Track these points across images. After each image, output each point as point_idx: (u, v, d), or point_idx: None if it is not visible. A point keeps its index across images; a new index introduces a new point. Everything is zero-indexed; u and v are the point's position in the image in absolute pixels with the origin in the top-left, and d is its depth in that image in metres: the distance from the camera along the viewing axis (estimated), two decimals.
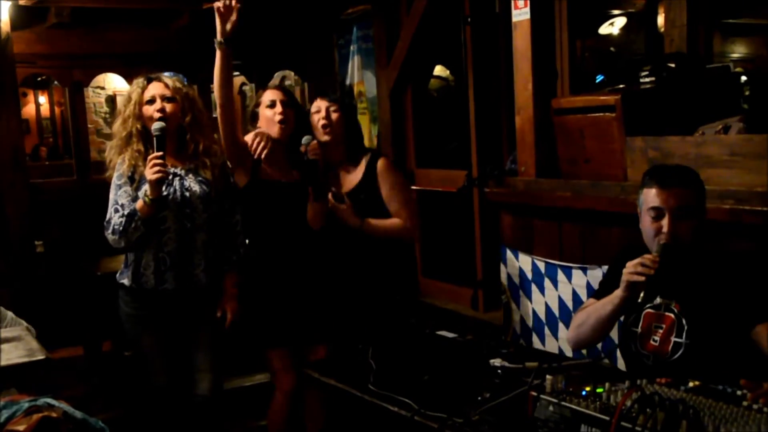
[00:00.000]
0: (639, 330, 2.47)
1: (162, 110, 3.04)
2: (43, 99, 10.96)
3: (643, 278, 2.31)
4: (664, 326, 2.41)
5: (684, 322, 2.37)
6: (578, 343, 2.65)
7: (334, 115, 3.30)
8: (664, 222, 2.36)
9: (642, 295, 2.33)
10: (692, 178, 2.43)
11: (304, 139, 3.17)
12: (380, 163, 3.36)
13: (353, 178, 3.36)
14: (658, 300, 2.44)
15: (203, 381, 3.21)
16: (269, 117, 3.24)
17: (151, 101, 3.07)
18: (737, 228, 2.72)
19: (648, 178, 2.44)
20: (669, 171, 2.46)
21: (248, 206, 3.27)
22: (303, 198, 3.19)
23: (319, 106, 3.33)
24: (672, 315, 2.40)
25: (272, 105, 3.24)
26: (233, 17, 2.97)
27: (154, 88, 3.09)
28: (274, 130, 3.23)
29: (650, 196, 2.40)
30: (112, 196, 3.09)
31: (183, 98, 3.12)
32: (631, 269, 2.34)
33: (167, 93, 3.08)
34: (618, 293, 2.41)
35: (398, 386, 2.35)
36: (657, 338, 2.42)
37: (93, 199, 3.22)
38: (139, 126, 3.07)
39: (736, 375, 2.07)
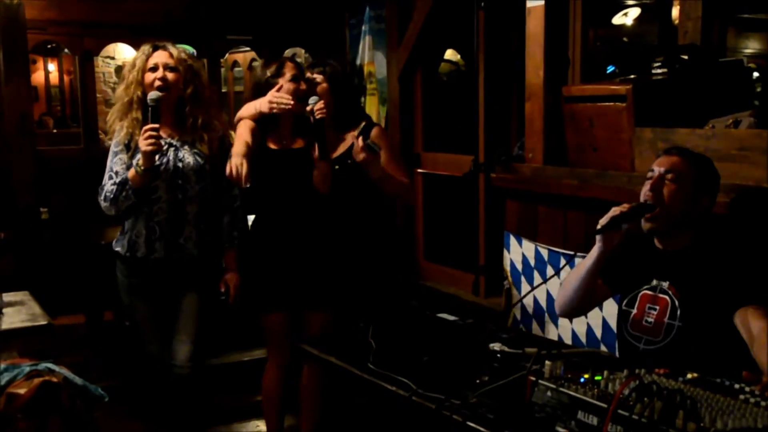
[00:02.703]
0: (634, 311, 2.50)
1: (163, 79, 3.03)
2: (52, 67, 10.91)
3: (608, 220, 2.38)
4: (658, 308, 2.44)
5: (677, 304, 2.39)
6: (562, 306, 2.68)
7: (317, 87, 3.33)
8: (646, 187, 2.42)
9: (602, 225, 2.38)
10: (696, 157, 2.45)
11: (311, 99, 3.21)
12: (374, 131, 3.40)
13: (345, 143, 3.39)
14: (654, 282, 2.46)
15: (182, 350, 3.21)
16: (292, 90, 3.25)
17: (154, 69, 3.05)
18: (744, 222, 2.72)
19: None
20: (674, 146, 2.55)
21: (254, 176, 3.29)
22: (307, 164, 3.21)
23: (308, 77, 3.38)
24: (666, 297, 2.42)
25: (296, 80, 3.26)
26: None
27: (158, 56, 3.08)
28: (296, 104, 3.24)
29: (654, 165, 2.47)
30: (108, 162, 3.11)
31: (186, 69, 3.11)
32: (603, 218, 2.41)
33: (170, 62, 3.07)
34: (594, 248, 2.47)
35: (397, 366, 2.35)
36: (651, 320, 2.44)
37: (99, 168, 3.22)
38: (140, 93, 3.06)
39: (726, 361, 2.14)
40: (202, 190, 3.14)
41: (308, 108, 3.19)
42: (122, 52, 8.81)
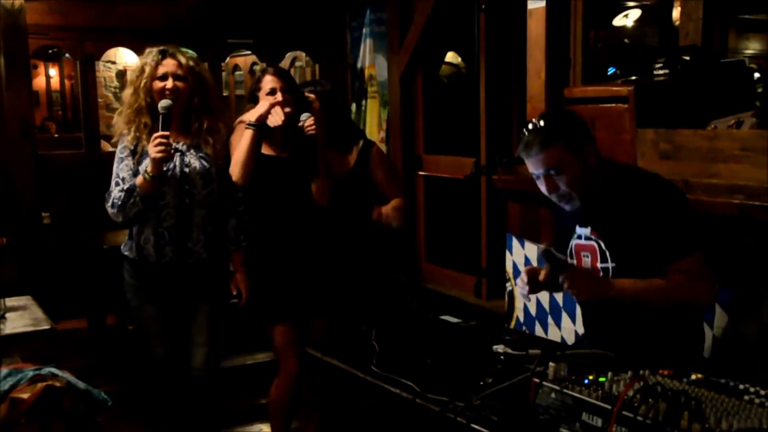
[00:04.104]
0: (575, 262, 2.54)
1: (173, 89, 3.04)
2: (53, 72, 10.91)
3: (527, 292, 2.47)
4: (590, 254, 2.49)
5: (604, 246, 2.44)
6: None
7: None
8: (542, 187, 2.47)
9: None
10: (548, 137, 2.41)
11: (303, 116, 3.22)
12: (374, 150, 3.47)
13: (344, 165, 3.40)
14: (578, 230, 2.52)
15: (197, 355, 3.22)
16: (269, 104, 3.24)
17: (163, 77, 3.05)
18: (746, 223, 2.71)
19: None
20: (527, 142, 2.45)
21: (250, 185, 3.28)
22: (299, 174, 3.22)
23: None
24: (593, 242, 2.48)
25: (272, 92, 3.25)
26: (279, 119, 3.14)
27: (168, 65, 3.07)
28: (276, 117, 3.22)
29: (527, 166, 2.50)
30: (114, 168, 3.10)
31: (194, 78, 3.11)
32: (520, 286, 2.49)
33: (179, 72, 3.07)
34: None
35: (401, 369, 2.35)
36: (589, 267, 2.50)
37: (101, 173, 3.23)
38: (149, 100, 3.06)
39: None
40: (209, 194, 3.15)
41: (299, 124, 3.20)
42: (123, 57, 8.82)
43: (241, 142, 3.17)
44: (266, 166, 3.26)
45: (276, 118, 3.18)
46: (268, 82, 3.26)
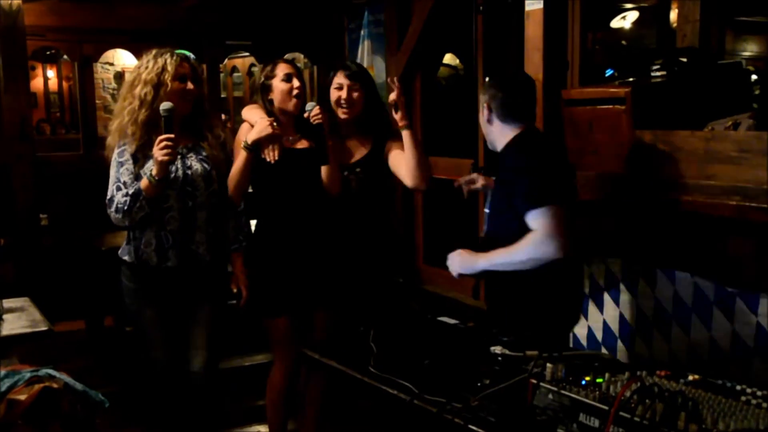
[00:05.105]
0: None
1: (191, 91, 3.06)
2: (51, 73, 10.91)
3: None
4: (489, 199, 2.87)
5: (488, 194, 2.82)
6: None
7: (355, 94, 3.32)
8: None
9: None
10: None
11: (308, 106, 3.23)
12: (391, 139, 3.38)
13: (361, 150, 3.39)
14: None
15: (196, 358, 3.21)
16: (285, 90, 3.26)
17: (183, 79, 3.05)
18: (743, 224, 2.72)
19: None
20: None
21: (256, 178, 3.28)
22: (309, 165, 3.23)
23: (341, 82, 3.34)
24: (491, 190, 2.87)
25: (288, 79, 3.27)
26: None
27: (186, 68, 3.08)
28: (291, 103, 3.27)
29: None
30: (113, 173, 3.06)
31: (201, 82, 3.16)
32: None
33: (194, 75, 3.11)
34: None
35: (398, 370, 2.36)
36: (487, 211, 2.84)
37: (99, 175, 3.21)
38: (165, 99, 2.98)
39: None
40: (211, 195, 3.15)
41: (305, 115, 3.21)
42: (121, 59, 8.81)
43: (235, 162, 3.20)
44: (277, 161, 3.26)
45: (271, 156, 3.21)
46: (283, 68, 3.29)
